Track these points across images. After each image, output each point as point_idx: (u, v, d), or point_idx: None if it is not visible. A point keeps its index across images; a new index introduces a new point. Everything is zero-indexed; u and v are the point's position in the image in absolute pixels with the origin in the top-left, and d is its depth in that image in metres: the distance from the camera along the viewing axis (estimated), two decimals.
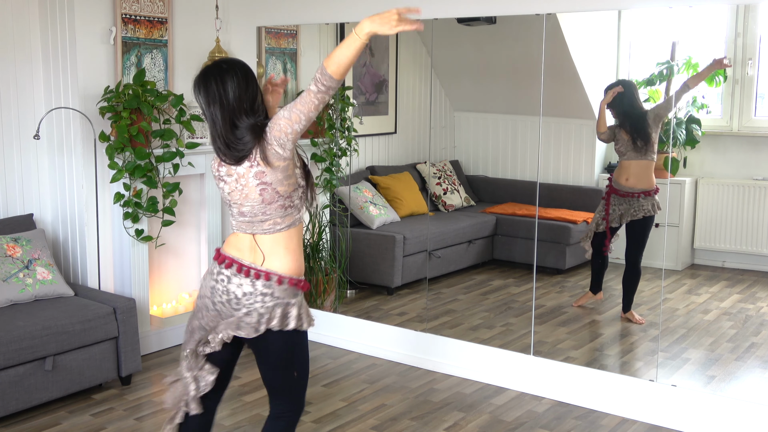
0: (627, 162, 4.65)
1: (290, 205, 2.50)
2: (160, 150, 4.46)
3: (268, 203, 2.47)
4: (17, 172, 4.46)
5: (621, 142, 4.66)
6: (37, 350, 3.74)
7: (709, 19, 5.10)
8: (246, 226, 2.52)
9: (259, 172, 2.43)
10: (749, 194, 5.07)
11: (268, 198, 2.46)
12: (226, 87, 2.45)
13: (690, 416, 3.70)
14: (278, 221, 2.50)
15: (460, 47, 5.83)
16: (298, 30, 5.43)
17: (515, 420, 3.82)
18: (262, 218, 2.49)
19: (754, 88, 5.06)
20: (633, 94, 4.66)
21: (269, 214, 2.49)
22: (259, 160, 2.42)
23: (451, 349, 4.44)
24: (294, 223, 2.53)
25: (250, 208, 2.48)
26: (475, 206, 6.17)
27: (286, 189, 2.47)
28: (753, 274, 5.16)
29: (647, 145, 4.57)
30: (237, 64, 2.50)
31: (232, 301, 2.51)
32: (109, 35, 4.46)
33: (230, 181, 2.49)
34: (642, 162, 4.60)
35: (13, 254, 4.10)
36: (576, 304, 4.98)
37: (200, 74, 2.49)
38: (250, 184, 2.45)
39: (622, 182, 4.68)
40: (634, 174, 4.64)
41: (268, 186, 2.44)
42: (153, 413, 3.89)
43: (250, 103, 2.47)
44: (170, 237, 4.82)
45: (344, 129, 5.45)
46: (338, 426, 3.74)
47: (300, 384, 2.62)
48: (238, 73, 2.47)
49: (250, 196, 2.47)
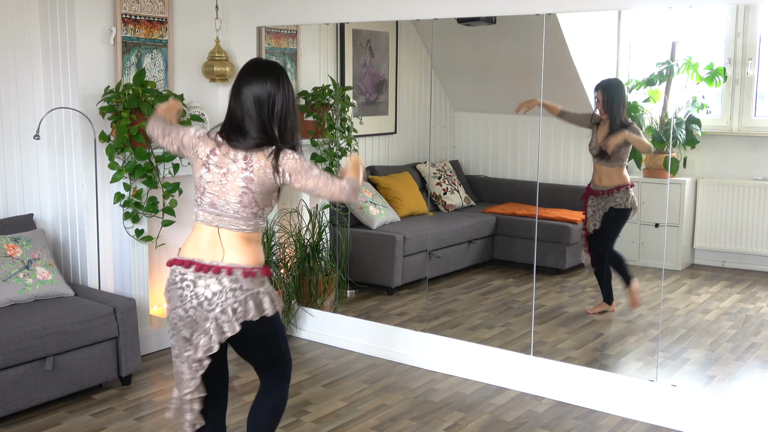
0: (598, 165, 4.69)
1: (260, 215, 2.62)
2: (160, 150, 4.46)
3: (244, 206, 2.56)
4: (17, 172, 4.46)
5: (593, 142, 4.68)
6: (37, 350, 3.74)
7: (709, 19, 5.10)
8: (212, 218, 2.59)
9: (248, 178, 2.53)
10: (749, 194, 5.07)
11: (246, 202, 2.56)
12: (289, 90, 2.60)
13: (690, 416, 3.70)
14: (247, 224, 2.60)
15: (460, 47, 5.83)
16: (298, 30, 5.43)
17: (515, 420, 3.82)
18: (233, 216, 2.57)
19: (754, 88, 5.06)
20: (620, 97, 4.62)
21: (240, 214, 2.57)
22: (255, 169, 2.52)
23: (451, 349, 4.44)
24: (257, 229, 2.64)
25: (224, 203, 2.56)
26: (475, 206, 6.17)
27: (264, 201, 2.59)
28: (753, 274, 5.16)
29: (613, 160, 4.61)
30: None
31: (204, 303, 2.55)
32: (109, 35, 4.46)
33: (216, 172, 2.56)
34: (611, 168, 4.64)
35: (13, 254, 4.10)
36: (591, 311, 4.94)
37: (279, 65, 2.63)
38: (235, 183, 2.54)
39: (596, 181, 4.72)
40: (606, 175, 4.66)
41: (251, 193, 2.55)
42: (153, 413, 3.89)
43: (287, 118, 2.59)
44: (170, 237, 4.82)
45: (344, 129, 5.45)
46: (338, 426, 3.74)
47: (286, 349, 2.79)
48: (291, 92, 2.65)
49: (229, 193, 2.55)
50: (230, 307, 2.54)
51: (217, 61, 4.87)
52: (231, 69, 4.91)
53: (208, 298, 2.55)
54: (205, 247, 2.58)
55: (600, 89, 4.64)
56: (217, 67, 4.86)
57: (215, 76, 4.89)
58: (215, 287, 2.54)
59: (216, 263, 2.56)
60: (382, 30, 5.94)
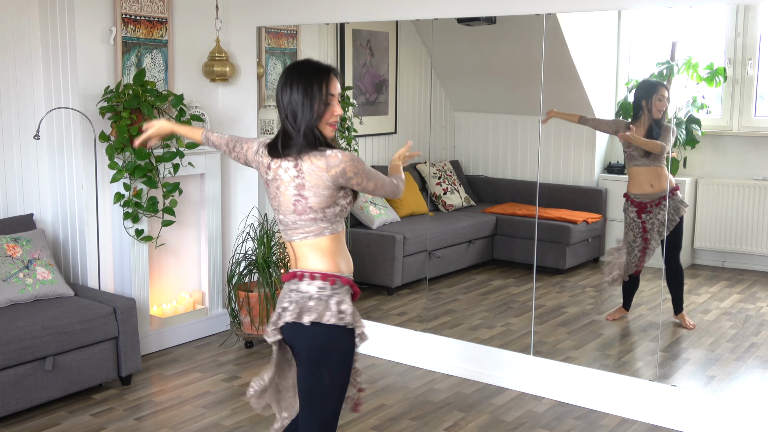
0: (643, 169, 4.52)
1: (321, 218, 2.47)
2: (160, 150, 4.46)
3: (299, 214, 2.47)
4: (17, 172, 4.46)
5: (631, 145, 4.54)
6: (37, 350, 3.74)
7: (709, 19, 5.09)
8: (284, 234, 2.56)
9: (300, 185, 2.44)
10: (749, 194, 5.06)
11: (300, 209, 2.46)
12: (291, 90, 2.47)
13: (690, 416, 3.70)
14: (308, 230, 2.49)
15: (460, 47, 5.82)
16: (298, 30, 5.43)
17: (515, 420, 3.82)
18: (293, 226, 2.50)
19: (754, 88, 5.05)
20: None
21: (298, 224, 2.49)
22: (306, 174, 2.42)
23: (451, 349, 4.44)
24: (323, 232, 2.49)
25: (284, 217, 2.51)
26: (475, 206, 6.16)
27: (320, 204, 2.45)
28: (753, 274, 5.15)
29: (657, 159, 4.48)
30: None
31: (283, 301, 2.52)
32: (109, 35, 4.46)
33: (273, 186, 2.51)
34: (658, 168, 4.50)
35: (13, 254, 4.10)
36: (609, 317, 4.84)
37: (288, 67, 2.56)
38: (287, 192, 2.46)
39: (646, 189, 4.54)
40: (656, 177, 4.52)
41: (303, 199, 2.45)
42: (153, 413, 3.89)
43: (295, 117, 2.49)
44: (170, 237, 4.82)
45: (344, 129, 5.45)
46: (338, 426, 3.73)
47: (333, 396, 2.53)
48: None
49: (283, 204, 2.48)
50: (280, 306, 2.50)
51: (217, 61, 4.87)
52: (231, 69, 4.91)
53: (287, 296, 2.53)
54: (292, 259, 2.57)
55: (665, 87, 4.57)
56: (217, 67, 4.86)
57: (215, 76, 4.89)
58: (293, 286, 2.50)
59: (294, 270, 2.52)
60: (382, 30, 5.94)
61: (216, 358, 4.66)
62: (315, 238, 2.48)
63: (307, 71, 2.48)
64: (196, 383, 4.28)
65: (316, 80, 2.46)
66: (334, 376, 2.49)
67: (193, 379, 4.34)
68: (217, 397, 4.09)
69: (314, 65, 2.50)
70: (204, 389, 4.20)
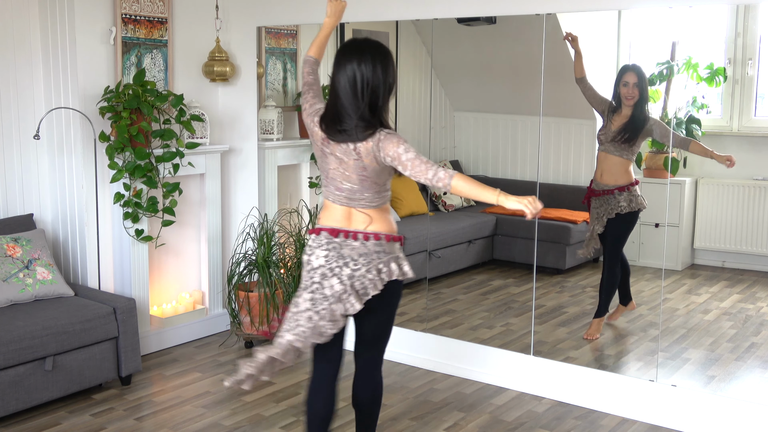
0: (603, 155, 4.49)
1: (385, 190, 2.75)
2: (160, 150, 4.46)
3: (366, 188, 2.69)
4: (17, 172, 4.46)
5: (606, 128, 4.47)
6: (37, 350, 3.74)
7: (709, 19, 5.09)
8: (344, 201, 2.73)
9: (360, 166, 2.64)
10: (749, 194, 5.06)
11: (367, 185, 2.68)
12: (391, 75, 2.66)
13: (690, 416, 3.70)
14: (374, 199, 2.72)
15: (460, 47, 5.82)
16: (298, 30, 5.43)
17: (515, 420, 3.82)
18: (360, 197, 2.70)
19: (754, 88, 5.05)
20: (646, 87, 4.49)
21: (366, 194, 2.70)
22: (363, 157, 2.61)
23: (451, 349, 4.44)
24: (385, 200, 2.78)
25: (349, 187, 2.69)
26: (475, 206, 6.16)
27: (382, 179, 2.71)
28: (753, 274, 5.15)
29: (630, 146, 4.41)
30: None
31: (350, 263, 2.69)
32: (109, 35, 4.46)
33: (332, 159, 2.69)
34: (618, 160, 4.45)
35: (13, 254, 4.10)
36: (610, 320, 4.72)
37: (384, 47, 2.66)
38: (350, 170, 2.66)
39: (597, 178, 4.52)
40: (609, 169, 4.49)
41: (367, 177, 2.66)
42: (153, 413, 3.89)
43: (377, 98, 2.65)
44: (170, 237, 4.82)
45: None
46: (338, 426, 3.74)
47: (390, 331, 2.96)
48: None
49: (350, 178, 2.67)
50: (374, 267, 2.68)
51: (217, 61, 4.87)
52: (231, 69, 4.91)
53: (354, 258, 2.69)
54: (344, 220, 2.73)
55: (632, 71, 4.47)
56: (217, 67, 4.86)
57: (215, 76, 4.89)
58: (362, 249, 2.69)
59: (361, 230, 2.71)
60: (382, 30, 5.93)
61: (216, 358, 4.66)
62: (382, 204, 2.75)
63: (389, 53, 2.67)
64: (196, 383, 4.28)
65: (390, 59, 2.67)
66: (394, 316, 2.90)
67: (193, 379, 4.34)
68: (217, 397, 4.09)
69: (388, 49, 2.69)
70: (204, 389, 4.20)
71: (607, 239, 4.60)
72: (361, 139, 2.60)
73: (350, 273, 2.69)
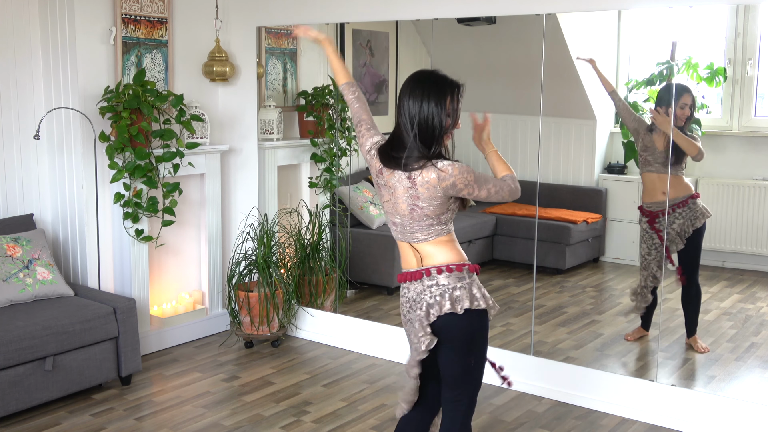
0: (658, 176, 4.37)
1: (437, 223, 2.62)
2: (160, 150, 4.46)
3: (416, 220, 2.60)
4: (17, 172, 4.46)
5: (650, 149, 4.36)
6: (37, 350, 3.74)
7: (709, 19, 5.09)
8: (400, 235, 2.66)
9: (414, 195, 2.55)
10: (749, 194, 5.06)
11: (417, 217, 2.59)
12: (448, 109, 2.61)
13: (690, 416, 3.70)
14: (426, 233, 2.62)
15: (460, 47, 5.82)
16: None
17: (515, 420, 3.82)
18: (410, 230, 2.62)
19: (754, 88, 5.05)
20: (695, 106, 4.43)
21: (417, 228, 2.61)
22: (419, 186, 2.53)
23: None
24: (441, 233, 2.64)
25: (400, 220, 2.61)
26: (475, 206, 6.16)
27: (436, 212, 2.59)
28: (753, 274, 5.15)
29: (680, 162, 4.32)
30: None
31: (413, 305, 2.62)
32: (109, 35, 4.46)
33: (386, 191, 2.62)
34: (676, 177, 4.35)
35: (13, 254, 4.10)
36: (629, 337, 4.62)
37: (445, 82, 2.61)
38: (402, 200, 2.57)
39: (660, 197, 4.37)
40: (672, 185, 4.33)
41: (418, 208, 2.57)
42: (153, 413, 3.89)
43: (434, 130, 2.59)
44: (170, 237, 4.82)
45: (344, 129, 5.45)
46: (338, 426, 3.74)
47: (476, 372, 2.68)
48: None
49: (398, 210, 2.60)
50: (425, 302, 2.57)
51: (217, 61, 4.87)
52: (231, 69, 4.91)
53: (412, 300, 2.62)
54: (409, 259, 2.66)
55: (689, 93, 4.38)
56: (217, 67, 4.86)
57: (215, 76, 4.89)
58: (418, 287, 2.60)
59: (417, 268, 2.62)
60: (382, 30, 5.94)
61: (216, 358, 4.66)
62: (436, 237, 2.63)
63: (441, 84, 2.58)
64: (196, 383, 4.28)
65: (449, 94, 2.58)
66: (479, 356, 2.66)
67: (193, 379, 4.34)
68: (217, 397, 4.09)
69: (446, 78, 2.61)
70: (204, 389, 4.20)
71: (689, 252, 4.43)
72: (414, 168, 2.53)
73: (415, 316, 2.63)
